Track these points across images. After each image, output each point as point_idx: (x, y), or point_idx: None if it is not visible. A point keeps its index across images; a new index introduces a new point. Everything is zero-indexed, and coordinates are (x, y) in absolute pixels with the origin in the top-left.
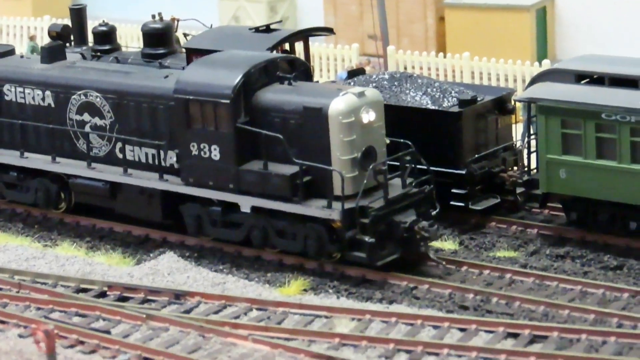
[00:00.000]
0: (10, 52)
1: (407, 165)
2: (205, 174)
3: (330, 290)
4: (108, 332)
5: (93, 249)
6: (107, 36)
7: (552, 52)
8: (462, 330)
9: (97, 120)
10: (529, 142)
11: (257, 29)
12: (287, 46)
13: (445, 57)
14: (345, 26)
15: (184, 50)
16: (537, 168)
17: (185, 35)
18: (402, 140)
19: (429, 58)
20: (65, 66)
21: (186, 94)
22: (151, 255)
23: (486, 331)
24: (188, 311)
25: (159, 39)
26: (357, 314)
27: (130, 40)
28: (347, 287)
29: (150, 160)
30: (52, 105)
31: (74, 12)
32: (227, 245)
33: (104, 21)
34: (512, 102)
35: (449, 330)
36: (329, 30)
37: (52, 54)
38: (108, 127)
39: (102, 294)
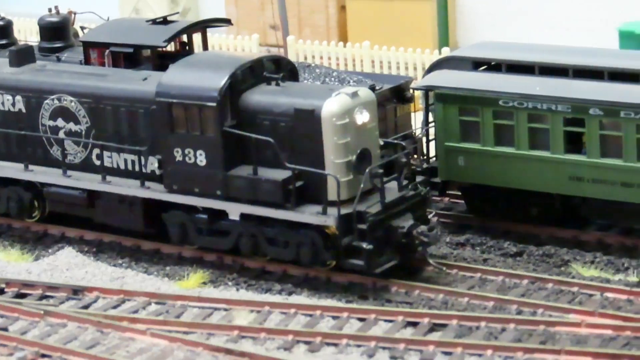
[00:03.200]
0: None
1: (404, 167)
2: (191, 181)
3: (230, 283)
4: (5, 330)
5: None
6: (3, 30)
7: (453, 40)
8: (361, 320)
9: (71, 126)
10: (427, 130)
11: (154, 21)
12: (185, 38)
13: (345, 46)
14: (247, 17)
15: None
16: (436, 156)
17: (82, 28)
18: (396, 142)
19: (329, 47)
20: (36, 69)
21: (169, 97)
22: (50, 251)
23: (385, 320)
24: (86, 307)
25: (56, 33)
26: (256, 305)
27: (30, 34)
28: (247, 279)
29: (129, 167)
30: (24, 110)
31: None
32: (126, 239)
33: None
34: (411, 91)
35: (348, 320)
36: (226, 21)
37: (21, 56)
38: (84, 132)
39: (0, 291)
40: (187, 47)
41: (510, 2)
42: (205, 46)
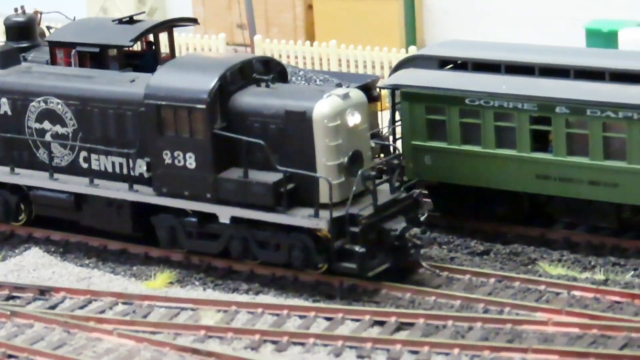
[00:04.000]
0: None
1: (396, 169)
2: (180, 184)
3: (197, 283)
4: None
5: None
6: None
7: (420, 38)
8: (328, 319)
9: (58, 128)
10: (394, 129)
11: (120, 21)
12: (151, 37)
13: (312, 45)
14: (214, 16)
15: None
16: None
17: (48, 28)
18: (387, 143)
19: (296, 47)
20: (22, 71)
21: (158, 99)
22: (16, 251)
23: (352, 319)
24: (53, 307)
25: (22, 33)
26: (223, 305)
27: None
28: (214, 278)
29: (117, 170)
30: (9, 113)
31: None
32: (93, 240)
33: None
34: (377, 90)
35: (315, 319)
36: (193, 21)
37: (6, 58)
38: (71, 135)
39: None
40: (153, 47)
41: (477, 1)
42: (171, 46)
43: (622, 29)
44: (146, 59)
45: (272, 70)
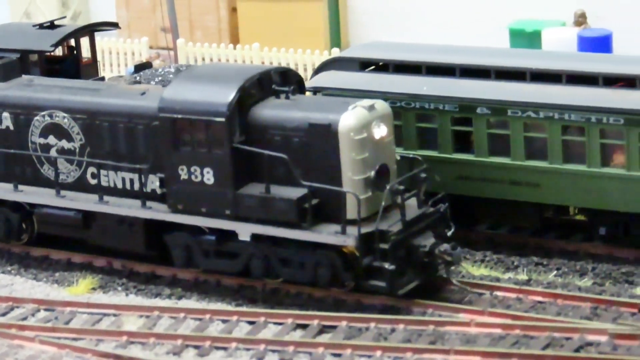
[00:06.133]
0: None
1: (423, 182)
2: (197, 200)
3: (119, 288)
4: None
5: None
6: None
7: (345, 40)
8: (251, 323)
9: (64, 143)
10: None
11: (41, 26)
12: (73, 42)
13: (235, 48)
14: (138, 20)
15: None
16: None
17: None
18: (412, 155)
19: (219, 50)
20: (24, 84)
21: (174, 112)
22: None
23: (275, 323)
24: None
25: None
26: (145, 310)
27: None
28: (136, 284)
29: (127, 186)
30: (11, 127)
31: None
32: (15, 246)
33: None
34: None
35: (238, 323)
36: (114, 25)
37: (7, 71)
38: (78, 150)
39: None
40: (75, 52)
41: (403, 2)
42: (93, 50)
43: (546, 29)
44: (67, 64)
45: (291, 81)
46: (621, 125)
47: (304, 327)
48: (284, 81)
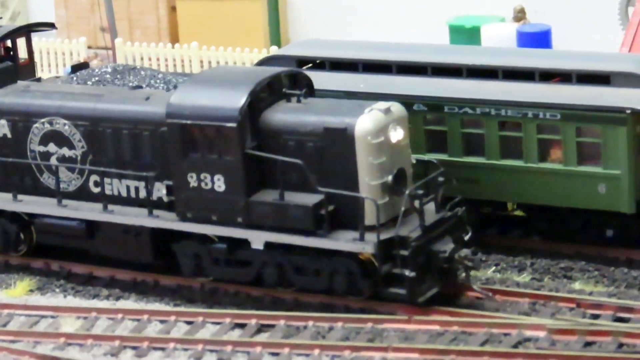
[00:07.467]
0: None
1: (440, 187)
2: (207, 208)
3: (57, 290)
4: None
5: None
6: None
7: (285, 38)
8: (189, 323)
9: (65, 151)
10: None
11: None
12: (9, 43)
13: (173, 47)
14: (77, 19)
15: None
16: None
17: None
18: (427, 159)
19: (157, 49)
20: (20, 90)
21: (182, 118)
22: None
23: (213, 323)
24: None
25: None
26: (83, 312)
27: None
28: (74, 285)
29: (132, 194)
30: (9, 135)
31: None
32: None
33: None
34: None
35: (176, 323)
36: (50, 25)
37: (2, 77)
38: (79, 158)
39: None
40: (11, 52)
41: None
42: (29, 51)
43: (485, 25)
44: (4, 65)
45: (301, 84)
46: (558, 121)
47: (242, 326)
48: (294, 84)
